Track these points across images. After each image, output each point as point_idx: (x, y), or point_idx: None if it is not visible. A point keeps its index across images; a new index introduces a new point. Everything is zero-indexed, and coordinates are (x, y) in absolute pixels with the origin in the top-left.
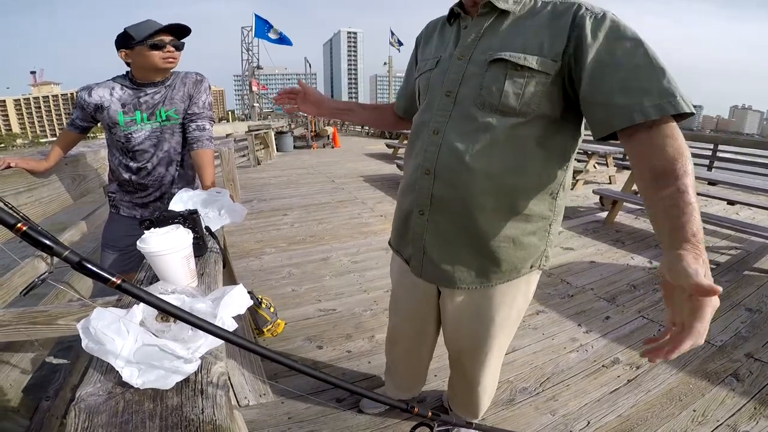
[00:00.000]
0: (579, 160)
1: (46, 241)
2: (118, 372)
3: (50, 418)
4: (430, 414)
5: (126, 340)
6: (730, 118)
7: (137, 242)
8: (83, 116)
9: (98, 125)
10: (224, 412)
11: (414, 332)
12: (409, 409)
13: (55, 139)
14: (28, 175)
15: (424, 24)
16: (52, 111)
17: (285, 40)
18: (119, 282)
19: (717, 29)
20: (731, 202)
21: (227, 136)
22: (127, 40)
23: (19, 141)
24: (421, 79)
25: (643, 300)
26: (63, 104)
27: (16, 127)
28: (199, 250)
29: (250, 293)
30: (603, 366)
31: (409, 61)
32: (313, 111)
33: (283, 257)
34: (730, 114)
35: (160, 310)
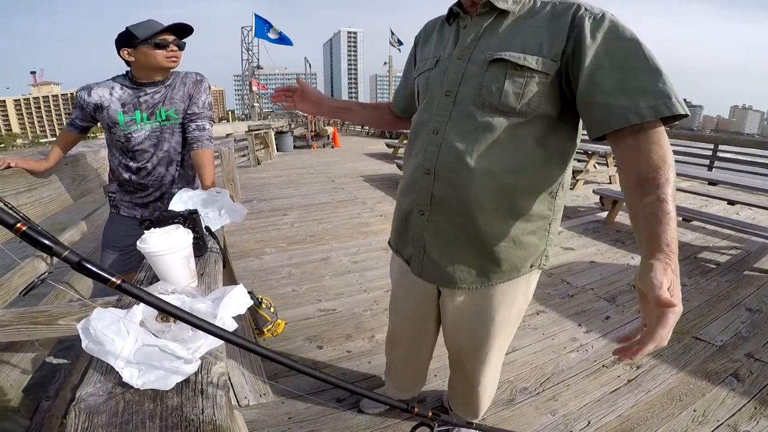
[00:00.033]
0: (579, 160)
1: (46, 241)
2: (118, 372)
3: (50, 418)
4: (430, 414)
5: (126, 341)
6: (731, 118)
7: (137, 242)
8: (83, 116)
9: (98, 125)
10: (224, 413)
11: (414, 332)
12: (409, 409)
13: (55, 139)
14: (28, 175)
15: (424, 24)
16: (52, 111)
17: (285, 40)
18: (119, 282)
19: (716, 29)
20: (731, 202)
21: (227, 135)
22: (129, 39)
23: (19, 141)
24: (420, 78)
25: None
26: (63, 104)
27: (16, 127)
28: (199, 250)
29: (250, 293)
30: (603, 366)
31: (408, 61)
32: (311, 110)
33: (283, 257)
34: (731, 114)
35: (160, 311)
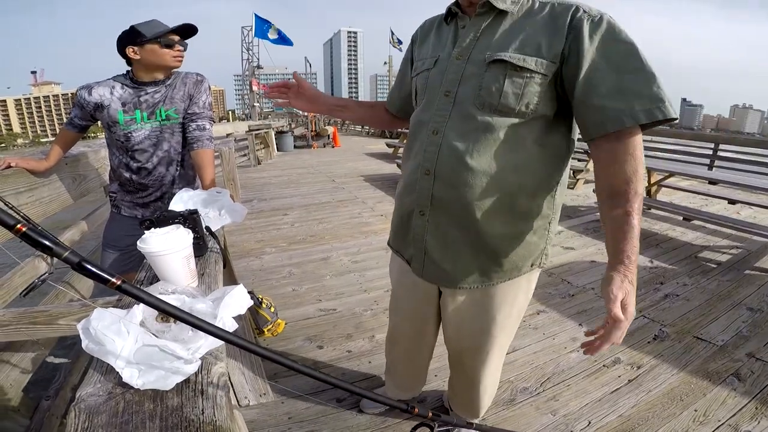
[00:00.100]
0: (579, 160)
1: (46, 242)
2: (118, 372)
3: (50, 417)
4: (430, 414)
5: (126, 341)
6: (731, 117)
7: (137, 242)
8: (82, 115)
9: (98, 124)
10: (224, 413)
11: (414, 332)
12: (409, 410)
13: (54, 138)
14: (28, 175)
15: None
16: (53, 111)
17: (285, 40)
18: (119, 283)
19: (716, 29)
20: (732, 201)
21: (227, 135)
22: (136, 37)
23: (20, 141)
24: (418, 78)
25: (644, 299)
26: (64, 104)
27: (16, 127)
28: (200, 250)
29: (251, 293)
30: (604, 366)
31: (404, 59)
32: (307, 107)
33: (283, 257)
34: (731, 113)
35: (160, 311)
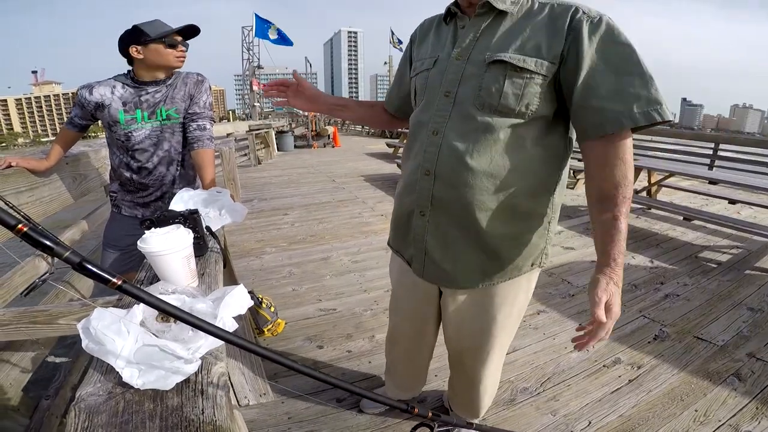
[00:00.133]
0: (579, 160)
1: (47, 242)
2: (118, 372)
3: (50, 417)
4: (430, 414)
5: (126, 341)
6: (731, 117)
7: (138, 242)
8: (83, 114)
9: (98, 124)
10: (224, 413)
11: (414, 332)
12: (409, 410)
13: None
14: (29, 175)
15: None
16: (54, 110)
17: (286, 40)
18: (120, 283)
19: (716, 29)
20: (732, 201)
21: (228, 135)
22: (139, 37)
23: (21, 140)
24: (417, 78)
25: (645, 299)
26: (64, 103)
27: (17, 127)
28: (200, 249)
29: (251, 293)
30: (604, 366)
31: (402, 59)
32: (307, 106)
33: (283, 257)
34: (731, 113)
35: (160, 311)
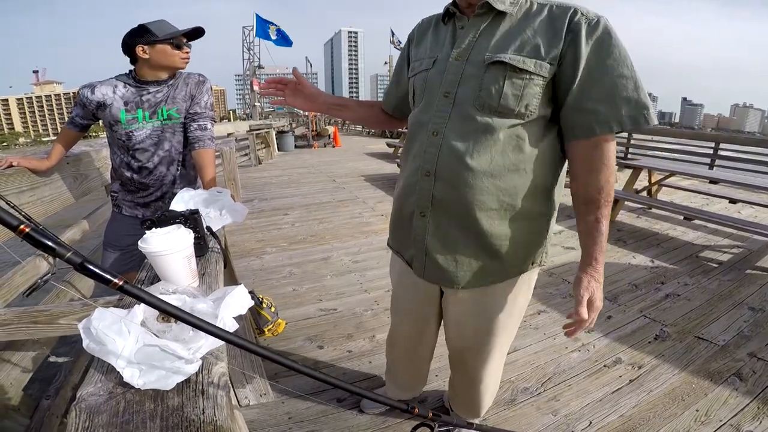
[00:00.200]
0: None
1: (49, 243)
2: (119, 372)
3: (50, 417)
4: (430, 414)
5: (127, 341)
6: (731, 116)
7: (138, 242)
8: (84, 114)
9: (99, 123)
10: (225, 413)
11: (415, 332)
12: (409, 410)
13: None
14: (30, 174)
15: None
16: (55, 110)
17: (287, 39)
18: (121, 283)
19: (717, 28)
20: (733, 201)
21: (228, 135)
22: (146, 37)
23: (22, 140)
24: (416, 79)
25: (645, 299)
26: (65, 103)
27: (18, 126)
28: (201, 250)
29: (251, 293)
30: (605, 366)
31: (400, 58)
32: (306, 105)
33: (283, 257)
34: (731, 112)
35: (161, 311)
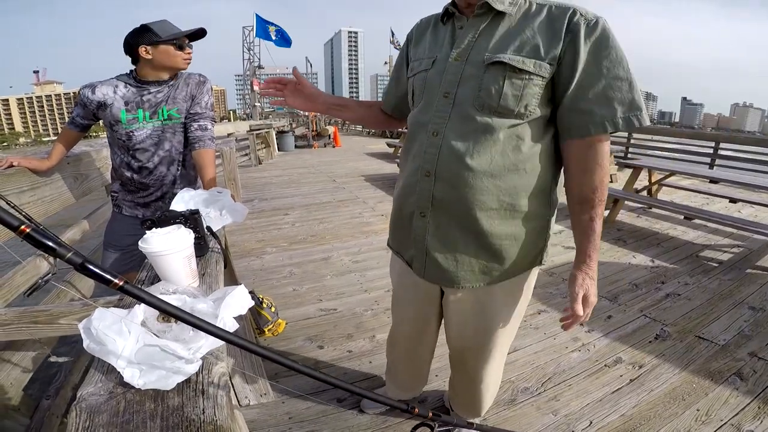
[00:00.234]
0: None
1: (50, 243)
2: (119, 372)
3: (51, 416)
4: (430, 414)
5: (127, 341)
6: (731, 115)
7: (139, 242)
8: (84, 114)
9: (99, 123)
10: (225, 413)
11: (415, 332)
12: (409, 410)
13: (56, 137)
14: (30, 174)
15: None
16: (55, 110)
17: (287, 40)
18: (121, 284)
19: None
20: (733, 200)
21: (229, 135)
22: (149, 37)
23: (22, 140)
24: (415, 79)
25: (645, 299)
26: (66, 103)
27: (19, 126)
28: (201, 250)
29: (252, 293)
30: (605, 365)
31: (398, 58)
32: (305, 106)
33: (284, 257)
34: (731, 112)
35: (161, 312)
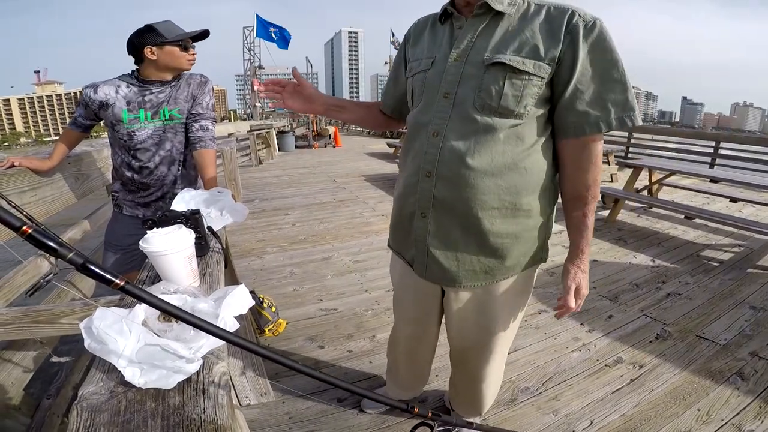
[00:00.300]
0: None
1: (51, 244)
2: (120, 371)
3: (51, 416)
4: (430, 414)
5: (128, 340)
6: (732, 115)
7: (140, 242)
8: (86, 114)
9: (101, 123)
10: (226, 412)
11: (416, 332)
12: (409, 409)
13: (58, 138)
14: (32, 174)
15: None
16: (56, 110)
17: (287, 40)
18: (122, 284)
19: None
20: (734, 200)
21: (229, 135)
22: (154, 38)
23: (23, 140)
24: (414, 79)
25: (646, 299)
26: (67, 103)
27: (20, 126)
28: (201, 249)
29: (252, 293)
30: (606, 365)
31: (397, 58)
32: (303, 107)
33: (284, 257)
34: (732, 111)
35: (162, 311)
